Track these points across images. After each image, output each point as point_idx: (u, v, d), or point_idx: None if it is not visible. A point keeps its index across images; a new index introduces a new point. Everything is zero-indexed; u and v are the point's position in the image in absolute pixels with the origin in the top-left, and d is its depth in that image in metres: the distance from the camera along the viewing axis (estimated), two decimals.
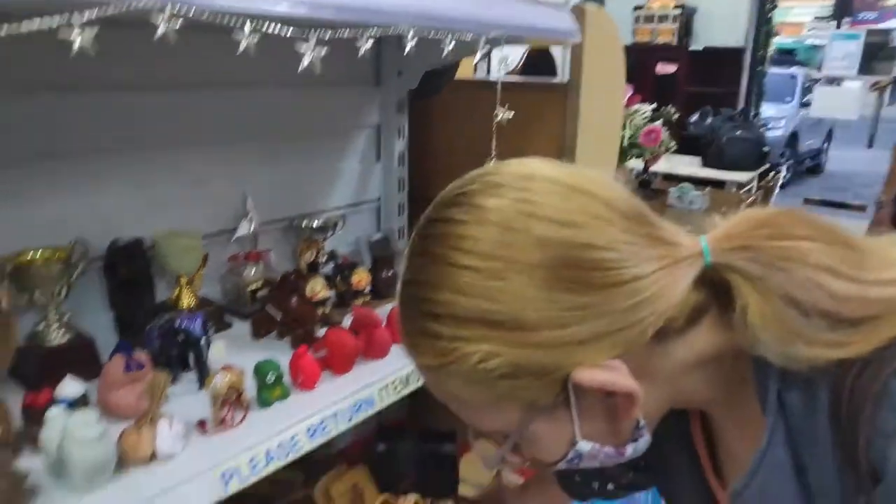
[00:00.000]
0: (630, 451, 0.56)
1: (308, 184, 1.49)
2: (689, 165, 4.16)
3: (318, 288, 1.20)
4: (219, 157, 1.29)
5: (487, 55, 1.37)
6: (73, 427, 0.74)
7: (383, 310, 1.26)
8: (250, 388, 0.96)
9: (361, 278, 1.33)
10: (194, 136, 1.24)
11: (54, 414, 0.78)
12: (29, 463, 0.79)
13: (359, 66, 1.53)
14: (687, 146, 4.15)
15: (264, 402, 0.97)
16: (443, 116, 1.70)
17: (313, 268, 1.38)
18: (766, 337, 0.48)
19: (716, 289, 0.51)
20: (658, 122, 2.92)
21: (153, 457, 0.82)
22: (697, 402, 0.59)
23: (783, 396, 0.51)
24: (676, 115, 3.23)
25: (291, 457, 0.90)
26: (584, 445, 0.54)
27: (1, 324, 0.95)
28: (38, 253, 1.01)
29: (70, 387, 0.85)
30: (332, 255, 1.45)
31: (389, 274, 1.40)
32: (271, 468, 0.87)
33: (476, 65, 1.68)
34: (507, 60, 1.33)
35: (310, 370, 1.01)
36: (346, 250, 1.56)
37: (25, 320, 1.02)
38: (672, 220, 0.53)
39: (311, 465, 1.45)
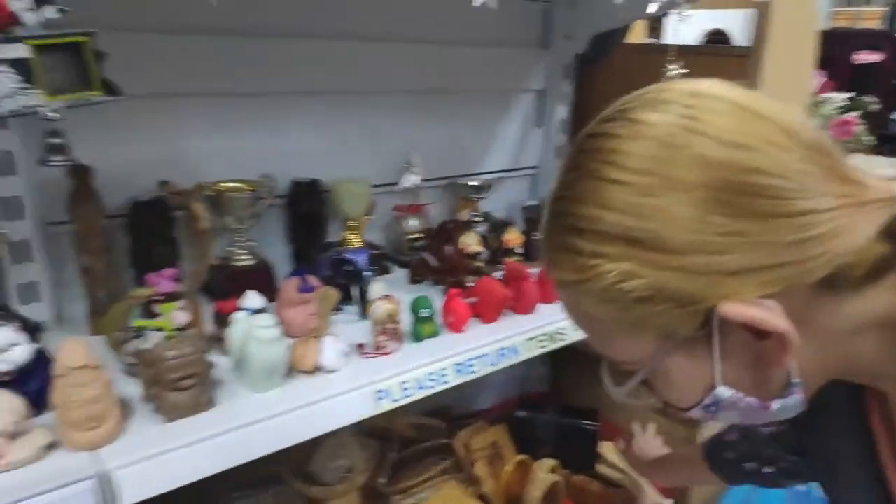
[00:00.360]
0: (776, 406, 0.50)
1: (469, 145, 1.53)
2: (889, 167, 3.70)
3: (471, 241, 1.23)
4: (391, 112, 1.37)
5: (662, 17, 1.32)
6: (255, 327, 0.83)
7: (534, 272, 1.27)
8: (406, 325, 1.02)
9: (514, 237, 1.35)
10: (371, 88, 1.32)
11: (239, 317, 0.88)
12: (221, 363, 0.90)
13: (527, 27, 1.54)
14: (889, 146, 3.68)
15: (417, 336, 1.02)
16: (609, 83, 1.66)
17: (468, 225, 1.41)
18: None
19: None
20: (853, 114, 2.61)
21: (317, 369, 0.90)
22: (872, 376, 0.52)
23: None
24: (877, 108, 2.87)
25: (439, 388, 0.94)
26: (724, 391, 0.49)
27: (200, 241, 1.08)
28: (233, 184, 1.14)
29: (253, 299, 0.95)
30: (486, 216, 1.48)
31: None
32: (420, 395, 0.92)
33: (649, 29, 1.62)
34: (684, 21, 1.26)
35: (460, 312, 1.05)
36: (499, 215, 1.58)
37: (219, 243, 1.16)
38: None
39: (454, 420, 1.51)
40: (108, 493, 0.68)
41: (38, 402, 0.76)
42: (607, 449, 1.43)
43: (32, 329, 0.79)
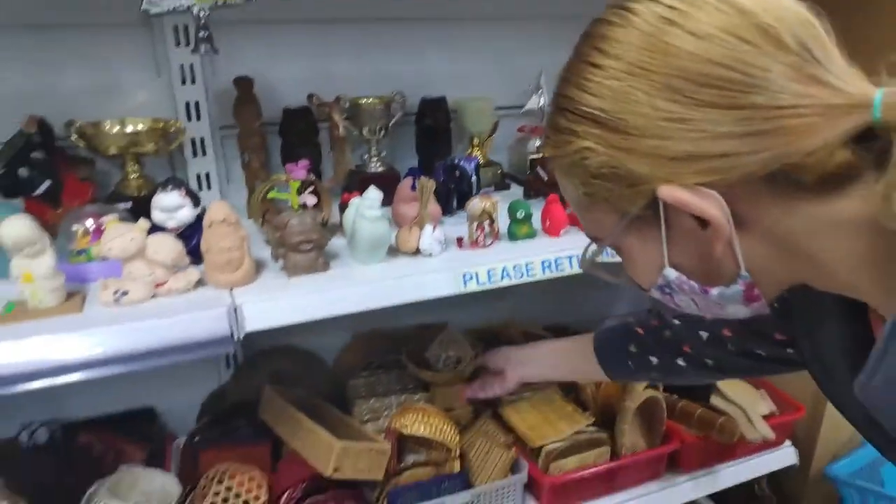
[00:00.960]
0: (715, 292, 0.53)
1: None
2: None
3: None
4: (521, 37, 1.43)
5: None
6: (362, 207, 0.96)
7: None
8: (504, 225, 1.11)
9: None
10: (502, 14, 1.39)
11: (353, 201, 1.02)
12: (337, 242, 1.06)
13: None
14: None
15: (513, 236, 1.10)
16: None
17: None
18: None
19: (885, 157, 0.43)
20: None
21: (417, 251, 1.02)
22: (843, 285, 0.51)
23: None
24: None
25: (525, 279, 1.02)
26: (671, 272, 0.53)
27: (339, 147, 1.25)
28: (369, 99, 1.29)
29: (371, 192, 1.09)
30: None
31: None
32: (504, 283, 1.00)
33: None
34: None
35: (557, 217, 1.10)
36: None
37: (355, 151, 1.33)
38: None
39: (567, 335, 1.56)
40: (236, 319, 0.87)
41: (194, 253, 0.96)
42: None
43: (195, 197, 1.00)
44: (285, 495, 1.13)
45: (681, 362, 0.95)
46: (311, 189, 1.04)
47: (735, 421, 1.28)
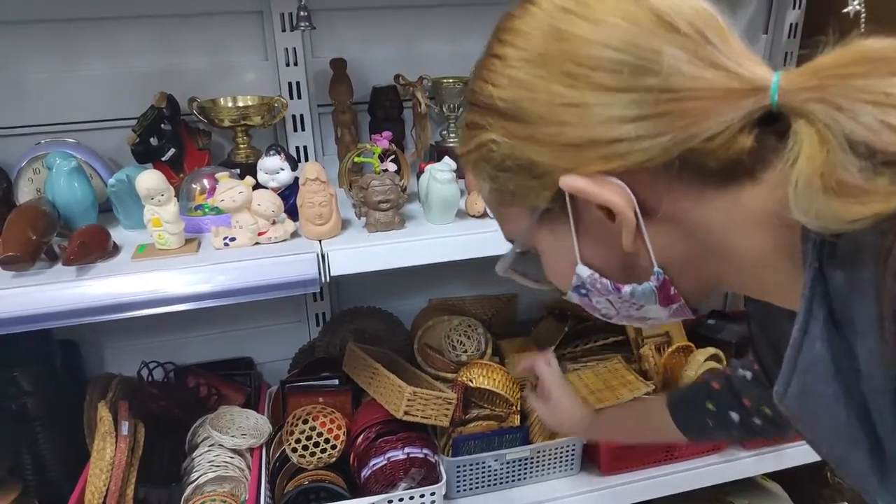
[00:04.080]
0: (627, 290, 0.51)
1: None
2: None
3: None
4: None
5: None
6: (435, 170, 1.07)
7: None
8: None
9: None
10: None
11: (428, 167, 1.13)
12: (414, 207, 1.17)
13: None
14: None
15: None
16: None
17: None
18: (807, 191, 0.38)
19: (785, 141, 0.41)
20: None
21: (484, 214, 1.12)
22: (751, 283, 0.49)
23: (826, 274, 0.41)
24: None
25: None
26: (583, 270, 0.51)
27: (420, 123, 1.36)
28: (449, 79, 1.39)
29: (446, 161, 1.19)
30: None
31: None
32: None
33: None
34: None
35: None
36: None
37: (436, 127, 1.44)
38: None
39: None
40: (323, 264, 1.00)
41: (292, 211, 1.10)
42: None
43: (293, 161, 1.13)
44: (361, 435, 1.26)
45: (757, 420, 0.87)
46: (392, 158, 1.16)
47: None
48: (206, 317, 1.49)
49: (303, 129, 1.37)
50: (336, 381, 1.39)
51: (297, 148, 1.38)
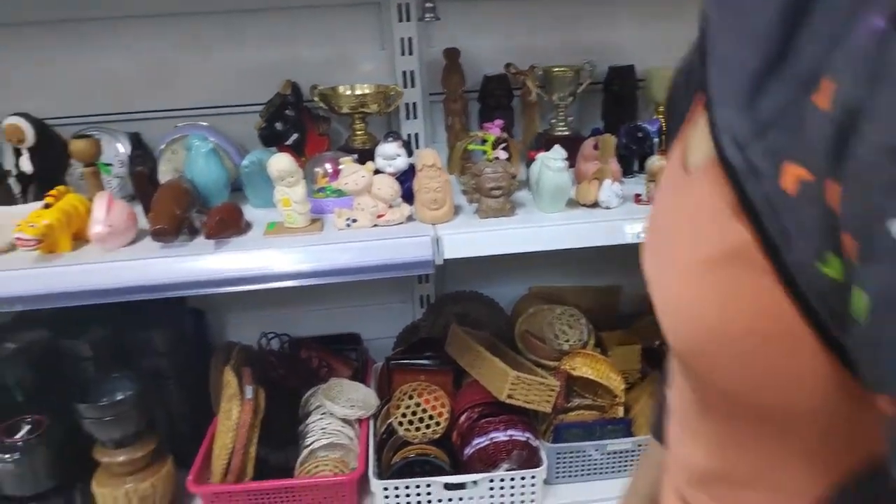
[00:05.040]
0: None
1: None
2: None
3: None
4: None
5: None
6: (547, 158, 1.08)
7: None
8: None
9: None
10: None
11: (539, 155, 1.14)
12: (524, 195, 1.19)
13: None
14: None
15: None
16: None
17: None
18: None
19: None
20: None
21: (595, 204, 1.12)
22: None
23: None
24: None
25: None
26: None
27: (529, 111, 1.38)
28: (560, 68, 1.39)
29: (557, 150, 1.20)
30: None
31: None
32: None
33: None
34: None
35: None
36: None
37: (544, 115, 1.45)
38: None
39: None
40: (437, 247, 1.03)
41: (407, 195, 1.15)
42: None
43: (409, 148, 1.18)
44: (464, 414, 1.30)
45: None
46: (503, 146, 1.18)
47: None
48: (320, 293, 1.57)
49: (415, 116, 1.42)
50: (439, 361, 1.44)
51: (409, 135, 1.43)
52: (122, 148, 1.34)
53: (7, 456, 1.15)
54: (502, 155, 1.14)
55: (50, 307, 1.00)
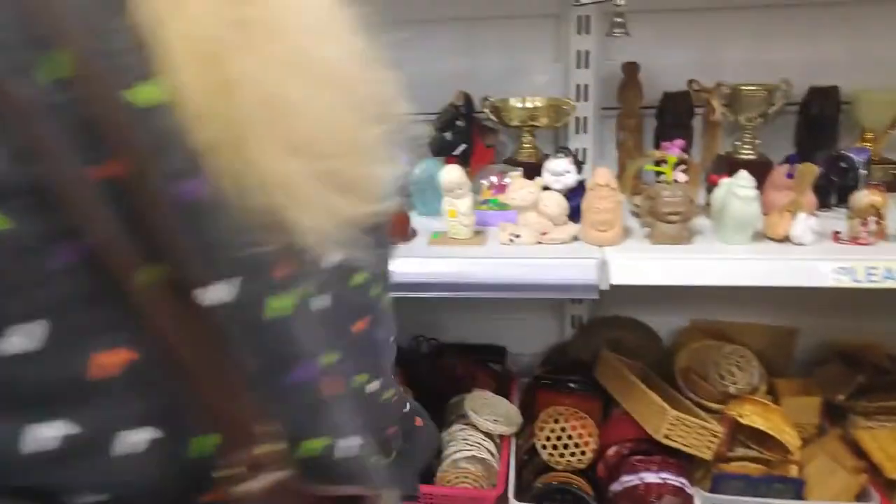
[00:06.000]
0: None
1: None
2: None
3: None
4: None
5: None
6: (734, 185, 0.99)
7: None
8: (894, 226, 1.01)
9: None
10: None
11: (724, 181, 1.05)
12: (701, 222, 1.11)
13: None
14: None
15: None
16: None
17: None
18: None
19: None
20: None
21: (786, 239, 1.01)
22: None
23: None
24: None
25: None
26: None
27: (711, 132, 1.28)
28: (751, 86, 1.28)
29: (744, 177, 1.10)
30: None
31: None
32: (886, 284, 0.93)
33: None
34: None
35: None
36: None
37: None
38: None
39: None
40: (604, 271, 0.98)
41: (573, 213, 1.11)
42: None
43: (579, 165, 1.14)
44: (613, 448, 1.23)
45: None
46: (683, 167, 1.10)
47: None
48: (469, 302, 1.57)
49: (585, 131, 1.37)
50: (588, 387, 1.38)
51: (576, 150, 1.38)
52: None
53: None
54: (681, 178, 1.07)
55: None
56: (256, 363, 0.36)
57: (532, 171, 1.17)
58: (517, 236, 1.05)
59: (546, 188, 1.08)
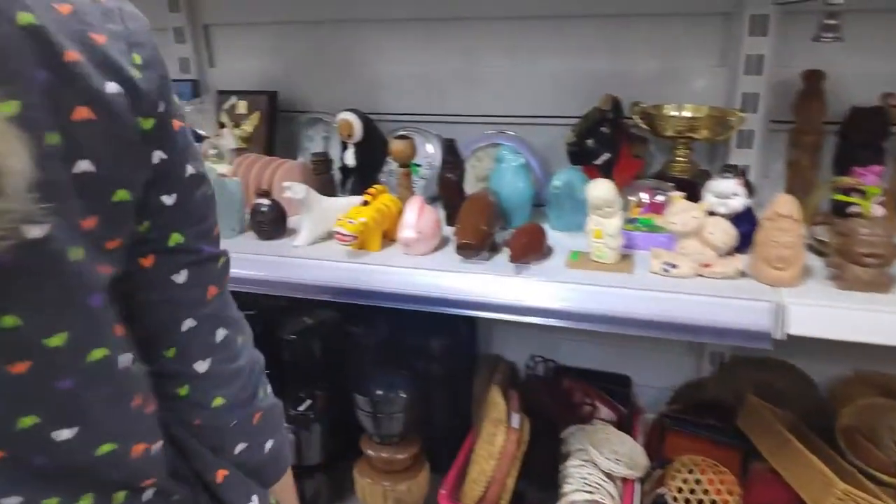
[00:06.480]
0: None
1: None
2: None
3: None
4: None
5: None
6: None
7: None
8: None
9: None
10: None
11: None
12: None
13: None
14: None
15: None
16: None
17: None
18: None
19: None
20: None
21: None
22: None
23: None
24: None
25: None
26: None
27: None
28: None
29: None
30: None
31: None
32: None
33: None
34: None
35: None
36: None
37: None
38: None
39: None
40: (781, 318, 0.83)
41: (739, 243, 0.96)
42: None
43: (751, 188, 0.99)
44: None
45: None
46: (879, 199, 0.92)
47: None
48: None
49: (749, 146, 1.20)
50: (727, 434, 1.23)
51: (737, 166, 1.22)
52: (432, 149, 1.35)
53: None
54: (879, 211, 0.89)
55: (350, 302, 1.02)
56: None
57: (685, 188, 1.03)
58: (673, 266, 0.92)
59: (711, 213, 0.94)
